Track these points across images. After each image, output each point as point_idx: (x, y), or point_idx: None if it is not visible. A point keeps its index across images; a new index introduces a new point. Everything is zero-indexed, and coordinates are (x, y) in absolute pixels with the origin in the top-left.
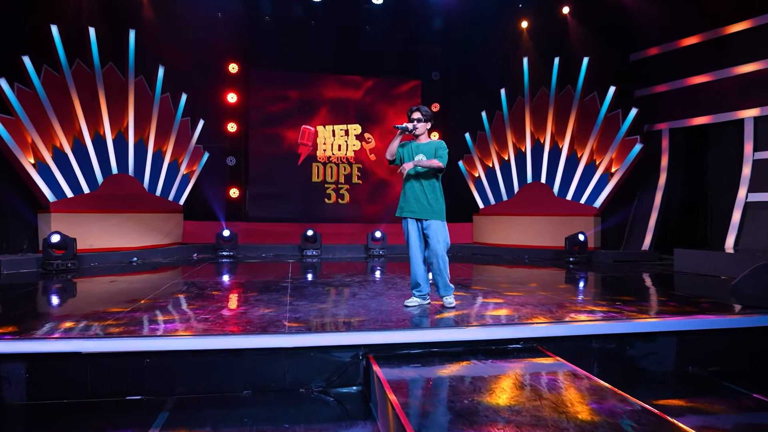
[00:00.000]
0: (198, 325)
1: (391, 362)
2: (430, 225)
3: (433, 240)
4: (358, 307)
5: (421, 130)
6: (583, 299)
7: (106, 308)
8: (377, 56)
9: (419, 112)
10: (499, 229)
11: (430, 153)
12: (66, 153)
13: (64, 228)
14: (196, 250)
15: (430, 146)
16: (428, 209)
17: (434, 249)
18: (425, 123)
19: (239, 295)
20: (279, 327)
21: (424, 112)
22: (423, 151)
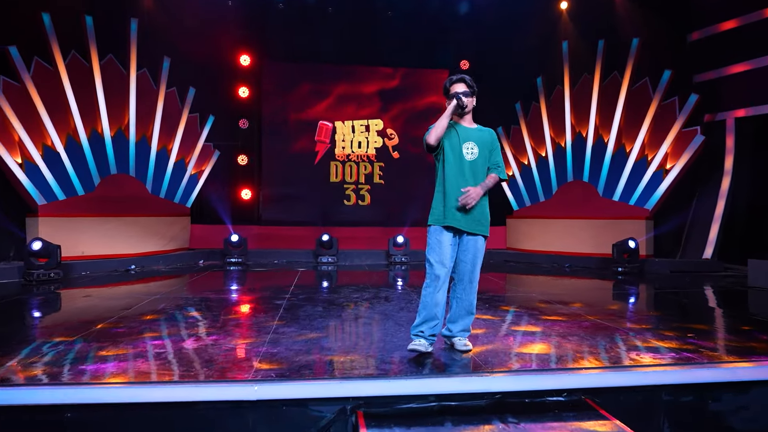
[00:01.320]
0: (143, 365)
1: (387, 422)
2: (476, 242)
3: (475, 263)
4: (357, 337)
5: (470, 107)
6: (642, 328)
7: (50, 335)
8: (400, 45)
9: (464, 84)
10: (535, 233)
11: (484, 144)
12: (58, 152)
13: (53, 233)
14: (204, 256)
15: (483, 135)
16: (479, 221)
17: (472, 275)
18: (472, 97)
19: (219, 318)
20: (245, 369)
21: (470, 82)
22: (474, 140)
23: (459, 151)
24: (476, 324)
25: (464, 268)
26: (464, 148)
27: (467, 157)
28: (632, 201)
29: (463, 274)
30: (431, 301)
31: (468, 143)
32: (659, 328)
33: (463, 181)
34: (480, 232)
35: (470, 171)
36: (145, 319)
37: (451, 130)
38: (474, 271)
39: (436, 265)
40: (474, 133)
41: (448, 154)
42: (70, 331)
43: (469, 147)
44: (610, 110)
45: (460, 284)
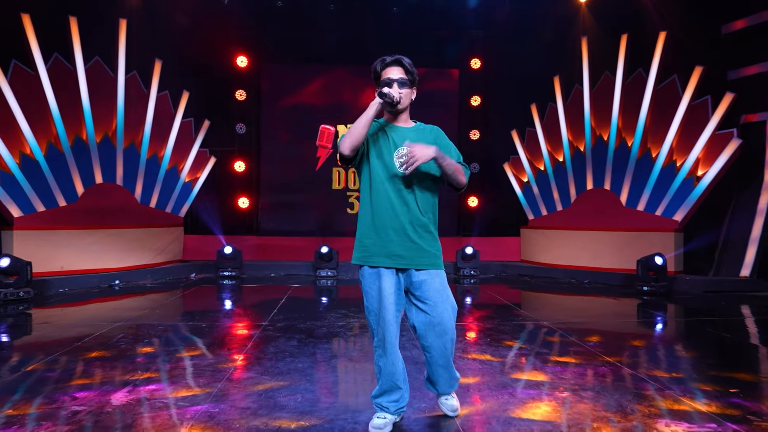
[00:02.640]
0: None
1: None
2: (428, 280)
3: (438, 305)
4: (324, 388)
5: (405, 102)
6: (672, 377)
7: None
8: (407, 43)
9: (400, 68)
10: (552, 245)
11: (424, 142)
12: (37, 161)
13: (30, 248)
14: (197, 269)
15: (424, 136)
16: (422, 251)
17: (439, 321)
18: (411, 88)
19: (174, 356)
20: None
21: (408, 66)
22: (410, 140)
23: (390, 161)
24: (470, 368)
25: (424, 316)
26: (396, 156)
27: (401, 169)
28: (659, 211)
29: (426, 326)
30: (384, 369)
31: (401, 150)
32: (693, 378)
33: (397, 201)
34: (427, 265)
35: (404, 188)
36: (88, 357)
37: (379, 133)
38: (441, 321)
39: (379, 322)
40: (411, 135)
41: (375, 165)
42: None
43: (403, 153)
44: (634, 111)
45: (426, 338)
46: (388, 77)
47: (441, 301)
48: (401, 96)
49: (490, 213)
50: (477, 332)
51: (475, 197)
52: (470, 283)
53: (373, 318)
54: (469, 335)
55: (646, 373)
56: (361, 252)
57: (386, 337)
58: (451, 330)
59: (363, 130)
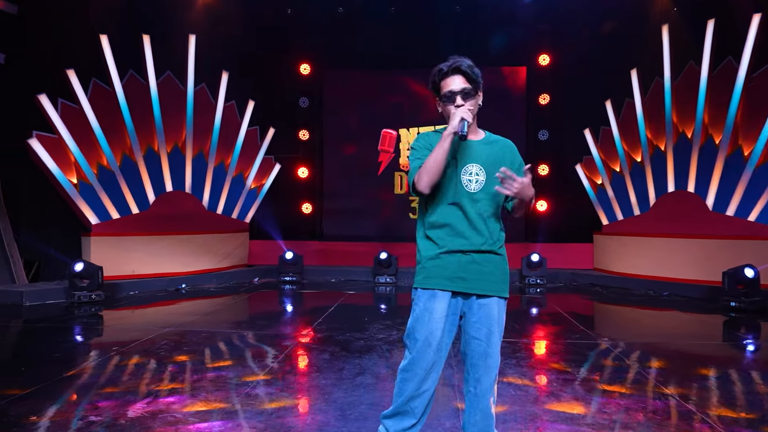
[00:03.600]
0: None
1: None
2: (489, 309)
3: (493, 335)
4: (337, 410)
5: (474, 112)
6: (749, 418)
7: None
8: (470, 42)
9: (461, 76)
10: (627, 253)
11: (497, 164)
12: (113, 171)
13: (104, 253)
14: (261, 273)
15: (495, 151)
16: (492, 275)
17: (487, 359)
18: (476, 96)
19: (202, 366)
20: None
21: (470, 72)
22: (480, 160)
23: (456, 178)
24: (501, 393)
25: (477, 347)
26: (464, 174)
27: (469, 188)
28: (752, 216)
29: (476, 358)
30: (405, 391)
31: (471, 166)
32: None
33: (463, 223)
34: (495, 293)
35: (471, 207)
36: (125, 364)
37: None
38: (490, 353)
39: (419, 345)
40: (480, 150)
41: (440, 180)
42: (21, 378)
43: (473, 171)
44: (722, 105)
45: (472, 372)
46: (450, 90)
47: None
48: (469, 110)
49: (560, 218)
50: (523, 350)
51: (544, 201)
52: (536, 292)
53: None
54: (514, 354)
55: (713, 413)
56: (421, 273)
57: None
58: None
59: (441, 166)
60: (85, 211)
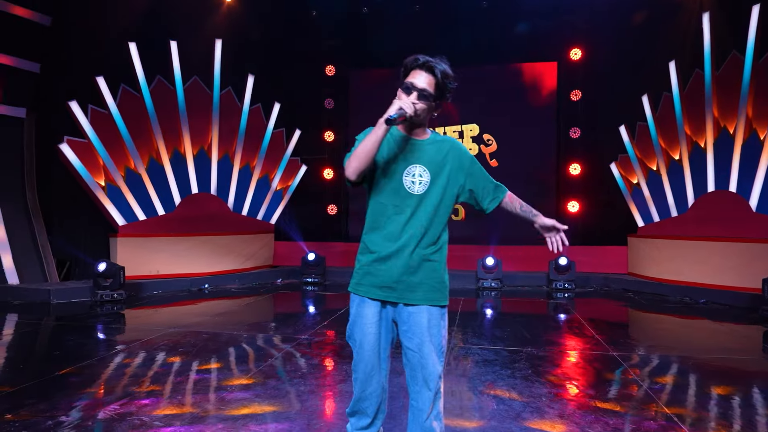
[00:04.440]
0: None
1: None
2: (419, 317)
3: (424, 345)
4: (307, 418)
5: (423, 116)
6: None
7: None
8: (498, 38)
9: (431, 77)
10: (664, 257)
11: (442, 165)
12: (140, 174)
13: (130, 253)
14: (285, 275)
15: (441, 151)
16: (412, 284)
17: (425, 363)
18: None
19: (186, 367)
20: None
21: (443, 77)
22: (424, 161)
23: (399, 178)
24: (482, 406)
25: (412, 357)
26: (407, 176)
27: (412, 190)
28: None
29: (413, 369)
30: (355, 391)
31: (414, 167)
32: None
33: (405, 224)
34: (425, 302)
35: (417, 211)
36: (114, 365)
37: (390, 144)
38: (424, 364)
39: (357, 346)
40: (425, 150)
41: (380, 181)
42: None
43: (416, 173)
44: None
45: (412, 383)
46: (412, 82)
47: (429, 347)
48: (417, 109)
49: (592, 219)
50: (523, 360)
51: (575, 202)
52: (563, 297)
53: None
54: (511, 364)
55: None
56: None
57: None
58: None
59: (370, 155)
60: (113, 213)
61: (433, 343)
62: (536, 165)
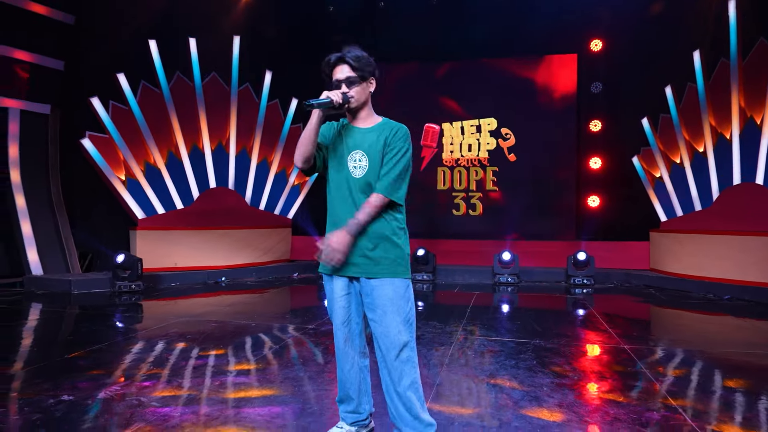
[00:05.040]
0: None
1: None
2: (381, 289)
3: (387, 314)
4: (302, 402)
5: (359, 100)
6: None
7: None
8: (515, 31)
9: (345, 65)
10: (686, 252)
11: (375, 148)
12: (159, 168)
13: (149, 245)
14: (301, 269)
15: (376, 136)
16: (375, 258)
17: (388, 332)
18: (362, 83)
19: (190, 352)
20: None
21: (357, 60)
22: (363, 145)
23: (344, 165)
24: (480, 394)
25: (376, 329)
26: (350, 161)
27: (354, 173)
28: None
29: (378, 340)
30: (338, 372)
31: (355, 153)
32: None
33: (350, 204)
34: (379, 273)
35: (356, 192)
36: (121, 349)
37: (336, 136)
38: (389, 335)
39: (333, 324)
40: (365, 137)
41: (331, 170)
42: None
43: (356, 158)
44: None
45: (379, 359)
46: (336, 78)
47: (392, 311)
48: (349, 96)
49: (613, 214)
50: (530, 351)
51: (596, 196)
52: (581, 293)
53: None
54: (517, 355)
55: (714, 429)
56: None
57: (336, 344)
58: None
59: (309, 141)
60: (132, 206)
61: (399, 312)
62: (555, 159)
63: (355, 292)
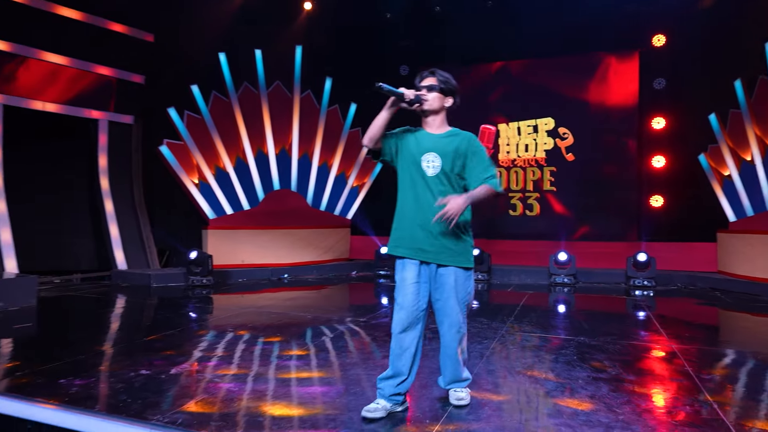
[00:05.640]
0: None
1: None
2: (448, 277)
3: (450, 299)
4: (349, 382)
5: (434, 105)
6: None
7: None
8: (574, 29)
9: (433, 78)
10: (757, 253)
11: (449, 152)
12: (228, 172)
13: (219, 244)
14: (359, 267)
15: (451, 142)
16: (450, 248)
17: (450, 313)
18: (440, 95)
19: (248, 338)
20: (159, 413)
21: (442, 76)
22: (437, 149)
23: (417, 163)
24: (512, 384)
25: (439, 309)
26: (423, 161)
27: (427, 172)
28: None
29: (440, 315)
30: (393, 351)
31: (428, 154)
32: None
33: (423, 201)
34: (450, 261)
35: (431, 188)
36: (192, 334)
37: (410, 137)
38: (450, 315)
39: (396, 308)
40: (437, 142)
41: (403, 167)
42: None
43: (429, 159)
44: None
45: (439, 326)
46: (420, 84)
47: (457, 295)
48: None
49: (678, 214)
50: (572, 347)
51: (659, 196)
52: (640, 295)
53: (396, 300)
54: (559, 350)
55: (746, 423)
56: (390, 241)
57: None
58: (460, 323)
59: (378, 127)
60: (204, 207)
61: (460, 298)
62: (616, 158)
63: (424, 276)
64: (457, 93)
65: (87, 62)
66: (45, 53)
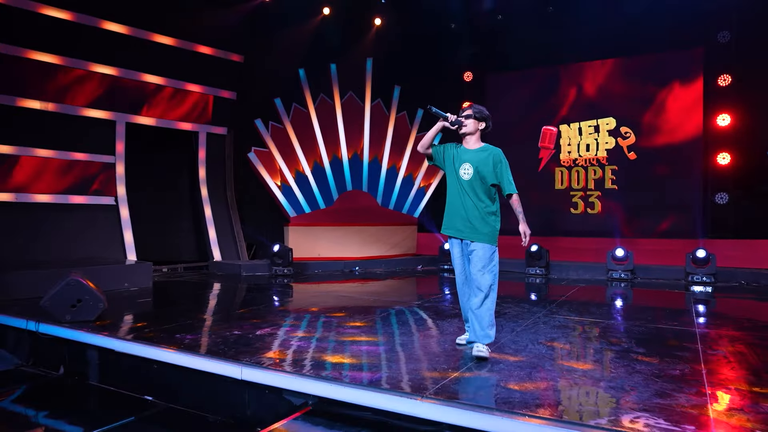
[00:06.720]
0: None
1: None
2: (474, 250)
3: (474, 266)
4: (402, 348)
5: (470, 129)
6: None
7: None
8: (637, 30)
9: (470, 109)
10: None
11: (480, 163)
12: (306, 175)
13: (298, 239)
14: (425, 262)
15: (481, 156)
16: (475, 228)
17: (474, 278)
18: (476, 120)
19: (318, 313)
20: (247, 354)
21: (476, 109)
22: (470, 160)
23: (456, 170)
24: (535, 349)
25: (471, 274)
26: (461, 169)
27: (463, 177)
28: None
29: (472, 280)
30: (460, 302)
31: (464, 164)
32: None
33: (461, 196)
34: (476, 239)
35: (466, 189)
36: (273, 309)
37: (452, 151)
38: (475, 278)
39: (456, 274)
40: (471, 155)
41: (449, 172)
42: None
43: (465, 168)
44: None
45: (472, 292)
46: (463, 113)
47: (479, 264)
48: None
49: (742, 212)
50: (599, 328)
51: (724, 193)
52: (698, 291)
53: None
54: (584, 330)
55: (721, 381)
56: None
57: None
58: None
59: (427, 139)
60: (285, 207)
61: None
62: (679, 156)
63: (465, 251)
64: (489, 119)
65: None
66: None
